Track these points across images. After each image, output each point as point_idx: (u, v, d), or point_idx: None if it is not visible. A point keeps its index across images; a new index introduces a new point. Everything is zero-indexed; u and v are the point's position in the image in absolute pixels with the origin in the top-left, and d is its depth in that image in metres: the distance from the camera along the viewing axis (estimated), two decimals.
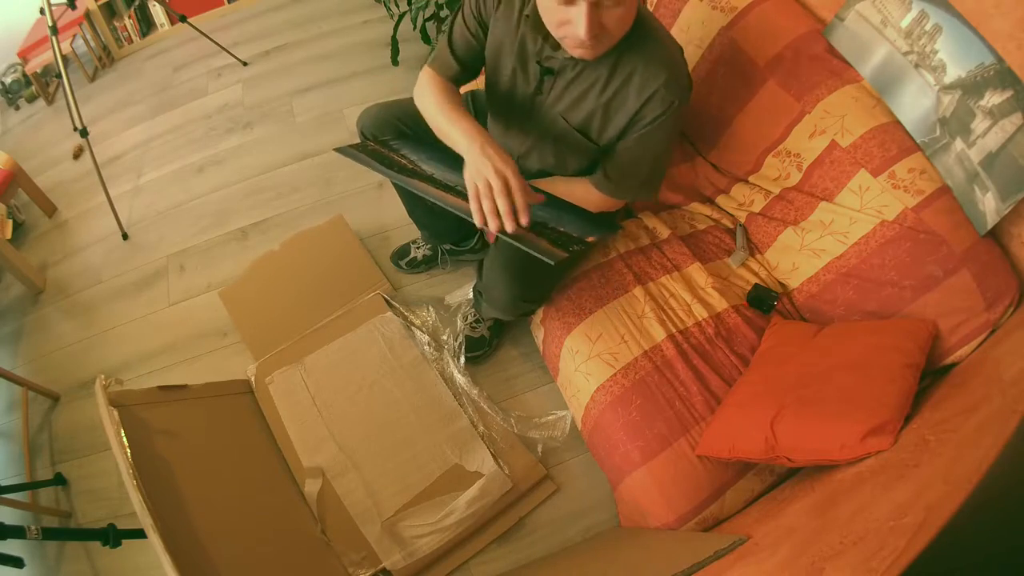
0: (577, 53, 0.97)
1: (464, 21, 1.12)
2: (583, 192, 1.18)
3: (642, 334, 1.28)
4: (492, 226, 0.92)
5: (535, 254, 0.93)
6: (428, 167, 1.15)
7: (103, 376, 1.19)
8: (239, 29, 2.74)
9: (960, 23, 1.02)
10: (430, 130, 1.28)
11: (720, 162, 1.53)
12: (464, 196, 1.00)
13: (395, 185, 1.51)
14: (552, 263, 0.93)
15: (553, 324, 1.36)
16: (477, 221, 0.93)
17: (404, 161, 1.18)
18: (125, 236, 2.02)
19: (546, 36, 1.02)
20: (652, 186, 1.20)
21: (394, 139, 1.29)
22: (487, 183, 0.91)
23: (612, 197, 1.18)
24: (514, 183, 0.91)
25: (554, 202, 1.08)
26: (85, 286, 1.93)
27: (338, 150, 1.17)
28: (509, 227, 0.91)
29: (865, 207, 1.19)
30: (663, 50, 1.02)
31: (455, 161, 1.19)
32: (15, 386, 1.66)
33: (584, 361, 1.28)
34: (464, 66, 1.15)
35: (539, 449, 1.46)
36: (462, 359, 1.58)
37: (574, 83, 1.07)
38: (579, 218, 1.12)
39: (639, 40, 1.00)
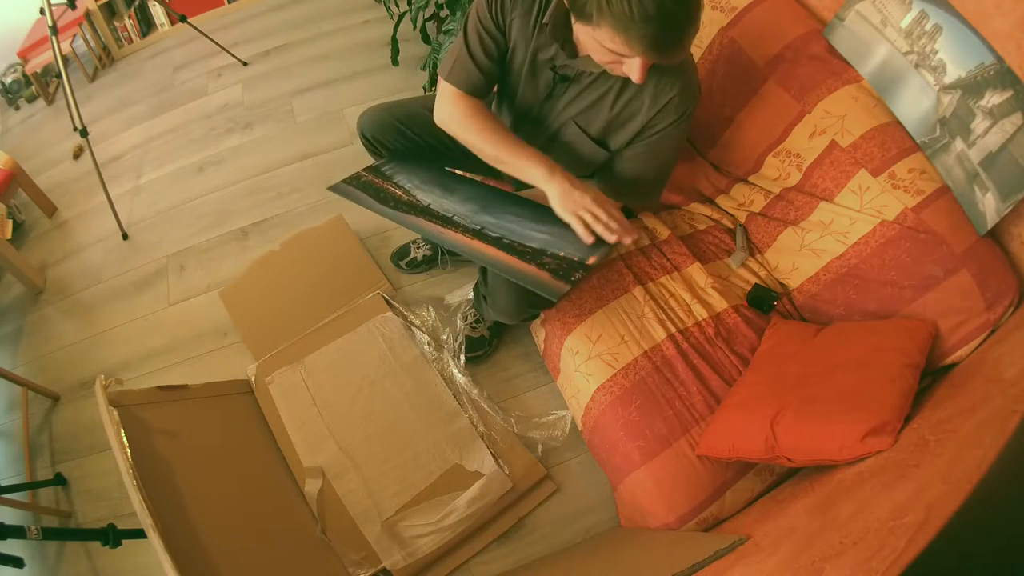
0: (618, 73, 0.97)
1: (482, 26, 1.07)
2: None
3: (642, 334, 1.28)
4: (611, 239, 1.00)
5: (537, 291, 0.96)
6: (423, 195, 1.16)
7: (103, 376, 1.19)
8: (239, 29, 2.74)
9: (960, 23, 1.02)
10: (428, 133, 1.29)
11: (720, 162, 1.53)
12: (461, 227, 1.06)
13: None
14: (555, 300, 0.96)
15: (553, 324, 1.36)
16: (589, 241, 1.01)
17: (399, 192, 1.20)
18: (125, 236, 2.02)
19: (563, 44, 1.01)
20: (656, 192, 1.20)
21: (388, 162, 1.30)
22: (593, 216, 0.99)
23: (616, 202, 1.18)
24: (608, 209, 1.01)
25: (553, 218, 1.06)
26: (85, 286, 1.93)
27: (332, 188, 1.22)
28: (627, 241, 1.00)
29: (865, 207, 1.19)
30: (680, 61, 1.01)
31: (450, 183, 1.21)
32: (15, 386, 1.65)
33: (584, 361, 1.28)
34: (488, 75, 1.11)
35: (539, 449, 1.46)
36: (462, 359, 1.58)
37: (588, 90, 1.07)
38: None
39: None
